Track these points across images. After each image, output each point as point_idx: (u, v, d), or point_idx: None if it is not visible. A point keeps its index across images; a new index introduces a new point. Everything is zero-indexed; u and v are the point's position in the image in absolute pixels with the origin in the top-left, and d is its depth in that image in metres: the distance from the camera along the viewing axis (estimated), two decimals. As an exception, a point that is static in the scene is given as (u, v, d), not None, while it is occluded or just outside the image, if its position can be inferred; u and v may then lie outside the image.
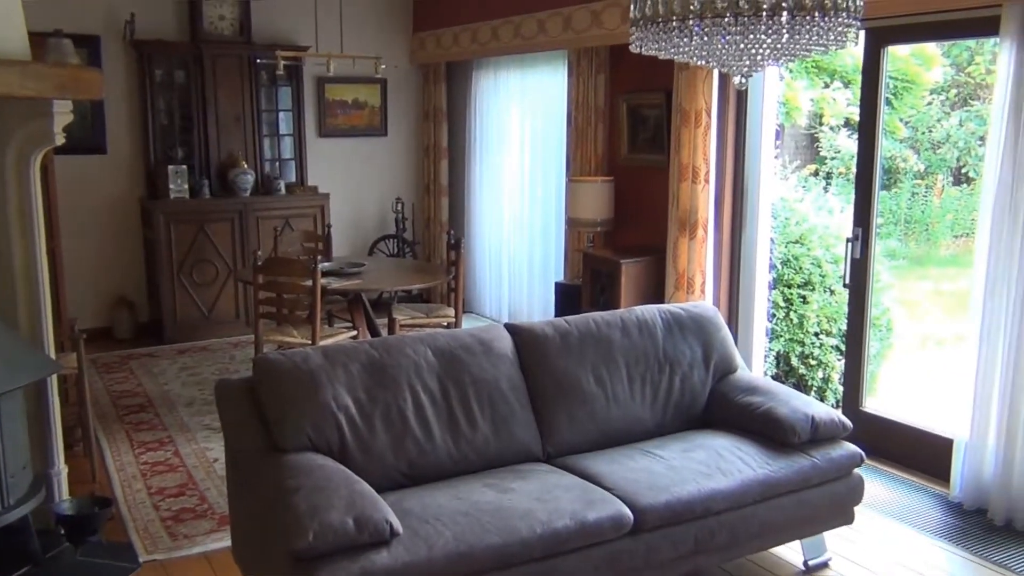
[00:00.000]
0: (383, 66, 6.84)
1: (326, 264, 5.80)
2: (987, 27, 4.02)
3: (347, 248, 8.10)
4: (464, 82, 8.00)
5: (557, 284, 6.43)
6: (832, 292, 5.94)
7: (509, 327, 3.74)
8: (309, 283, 5.08)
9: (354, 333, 5.65)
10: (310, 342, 5.07)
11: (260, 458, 3.08)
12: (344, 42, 7.06)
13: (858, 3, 2.22)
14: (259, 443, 3.12)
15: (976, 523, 4.08)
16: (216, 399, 3.34)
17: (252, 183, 7.32)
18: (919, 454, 4.61)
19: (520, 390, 3.54)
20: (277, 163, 7.70)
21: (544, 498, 3.08)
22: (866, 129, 4.78)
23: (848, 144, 9.68)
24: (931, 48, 10.02)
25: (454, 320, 5.81)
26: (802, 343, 5.88)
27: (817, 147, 11.03)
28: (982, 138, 4.39)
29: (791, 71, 9.22)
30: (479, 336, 3.61)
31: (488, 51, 7.14)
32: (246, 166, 7.30)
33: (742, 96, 5.32)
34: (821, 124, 10.55)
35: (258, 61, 7.30)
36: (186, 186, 7.10)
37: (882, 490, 4.41)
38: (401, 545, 2.75)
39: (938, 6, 4.06)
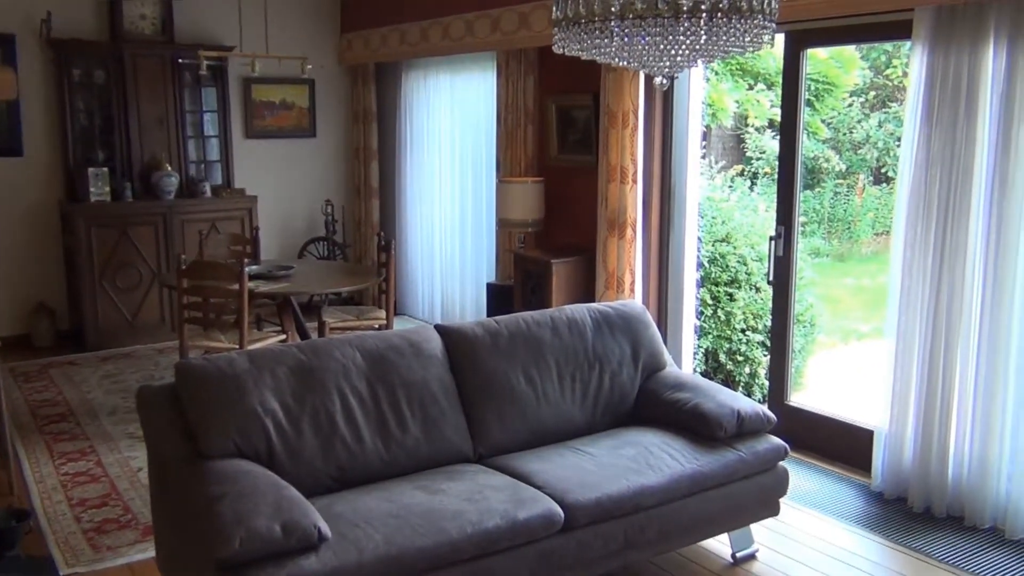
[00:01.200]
0: (309, 66, 6.77)
1: (254, 267, 5.71)
2: (900, 31, 4.15)
3: (276, 251, 7.99)
4: (394, 83, 7.96)
5: (489, 285, 6.43)
6: (758, 289, 6.07)
7: (439, 328, 3.73)
8: (236, 287, 4.99)
9: (283, 337, 5.57)
10: (237, 347, 4.99)
11: (184, 466, 3.01)
12: (269, 42, 6.96)
13: (773, 5, 2.27)
14: (183, 450, 3.05)
15: (896, 511, 4.20)
16: (137, 406, 3.26)
17: (176, 186, 7.17)
18: (842, 446, 4.73)
19: (450, 391, 3.54)
20: (202, 165, 7.55)
21: (475, 498, 3.09)
22: (787, 130, 4.89)
23: (773, 145, 9.90)
24: (850, 51, 10.31)
25: (385, 322, 5.77)
26: (729, 340, 5.99)
27: (743, 148, 11.25)
28: (899, 139, 4.55)
29: (716, 73, 9.39)
30: (409, 337, 3.59)
31: (417, 52, 7.11)
32: (170, 168, 7.14)
33: (668, 98, 5.40)
34: (747, 125, 10.78)
35: (180, 61, 7.15)
36: (107, 189, 6.91)
37: (807, 481, 4.52)
38: (330, 550, 2.72)
39: (853, 10, 4.17)
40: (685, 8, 2.12)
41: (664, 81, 2.44)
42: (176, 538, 3.06)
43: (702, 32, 2.18)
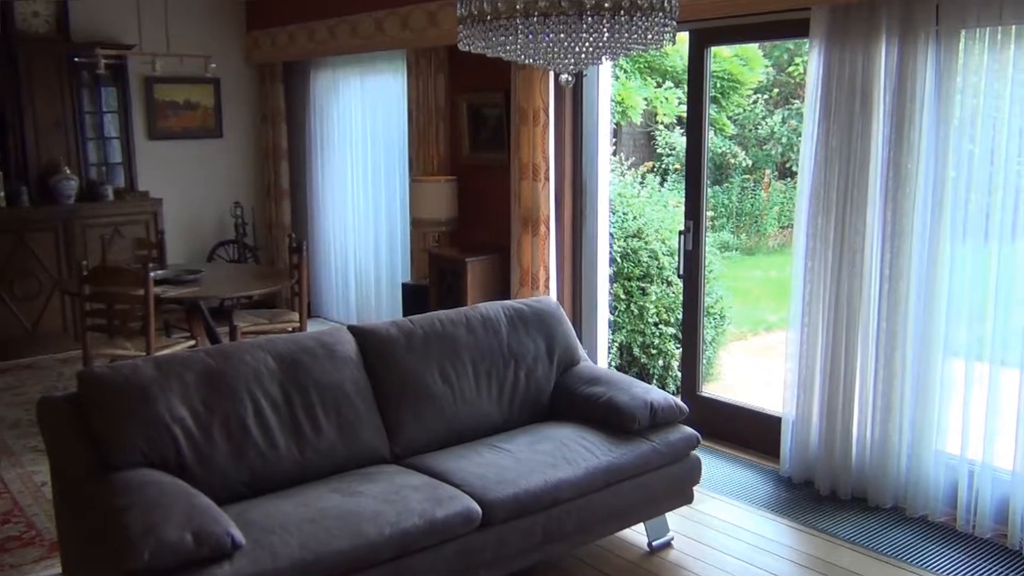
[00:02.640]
0: (213, 65, 6.63)
1: (160, 272, 5.55)
2: (798, 29, 4.28)
3: (184, 255, 7.78)
4: (303, 82, 7.85)
5: (404, 285, 6.40)
6: (669, 283, 6.18)
7: (352, 329, 3.70)
8: (141, 292, 4.85)
9: (192, 343, 5.44)
10: (144, 354, 4.85)
11: (89, 478, 2.92)
12: (171, 40, 6.78)
13: (674, 3, 2.32)
14: (88, 462, 2.96)
15: (804, 495, 4.34)
16: (38, 418, 3.15)
17: (76, 189, 6.92)
18: (752, 433, 4.86)
19: (365, 392, 3.51)
20: (104, 168, 7.30)
21: (392, 499, 3.07)
22: (693, 126, 4.99)
23: (682, 141, 10.10)
24: (754, 49, 10.60)
25: (299, 325, 5.68)
26: (643, 333, 6.09)
27: (654, 144, 11.46)
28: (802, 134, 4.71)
29: (625, 71, 9.53)
30: (322, 339, 3.55)
31: (326, 50, 7.03)
32: (69, 171, 6.88)
33: (577, 95, 5.45)
34: (656, 122, 10.97)
35: (77, 60, 6.89)
36: (2, 194, 6.63)
37: (719, 469, 4.63)
38: (244, 557, 2.67)
39: (753, 9, 4.28)
40: (588, 5, 2.15)
41: (569, 78, 2.47)
42: (83, 553, 2.96)
43: (605, 29, 2.22)
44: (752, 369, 7.16)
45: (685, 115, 5.09)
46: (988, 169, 3.77)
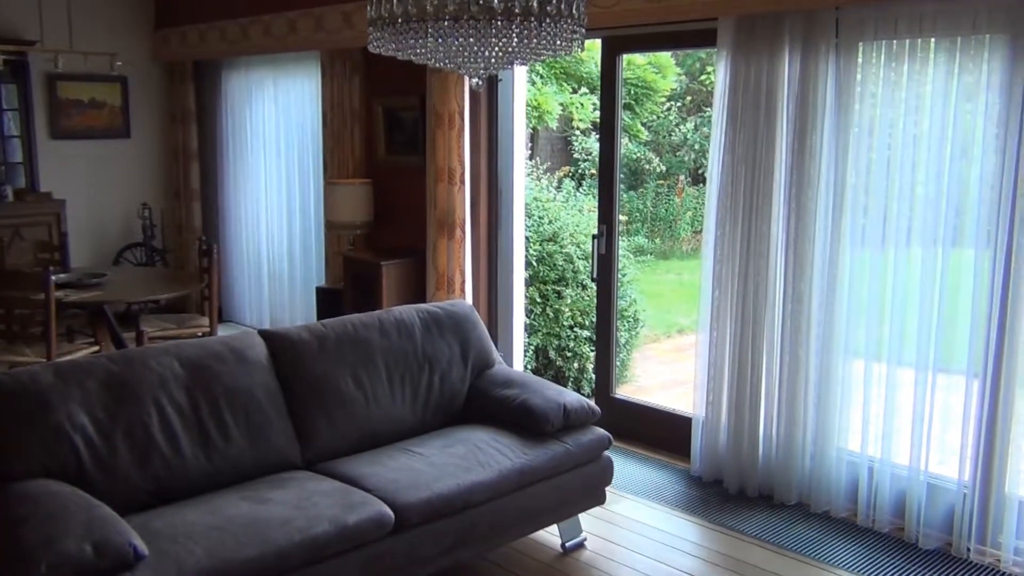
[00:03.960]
0: (119, 63, 6.43)
1: (62, 275, 5.37)
2: (707, 39, 4.38)
3: (88, 258, 7.53)
4: (214, 82, 7.68)
5: (318, 289, 6.32)
6: (584, 287, 6.26)
7: (263, 333, 3.64)
8: (42, 296, 4.68)
9: (97, 348, 5.27)
10: (45, 360, 4.68)
11: (-18, 489, 2.80)
12: (75, 36, 6.56)
13: (582, 10, 2.36)
14: (-20, 473, 2.84)
15: (714, 493, 4.44)
16: (-73, 428, 3.00)
17: (-27, 189, 6.64)
18: (664, 434, 4.95)
19: (276, 397, 3.46)
20: (3, 168, 7.03)
21: (303, 505, 3.03)
22: (606, 132, 5.07)
23: (598, 147, 10.24)
24: (667, 58, 10.82)
25: (208, 329, 5.56)
26: (558, 336, 6.15)
27: (570, 149, 11.58)
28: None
29: (541, 76, 9.62)
30: (231, 344, 3.49)
31: (238, 50, 6.90)
32: (-35, 171, 6.60)
33: (493, 99, 5.48)
34: (573, 128, 11.09)
35: (-26, 56, 6.62)
36: None
37: (632, 470, 4.71)
38: (148, 568, 2.60)
39: (663, 18, 4.37)
40: (497, 11, 2.17)
41: (479, 82, 2.49)
42: (-26, 568, 2.84)
43: (514, 35, 2.24)
44: (665, 371, 7.29)
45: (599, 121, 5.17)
46: (885, 176, 3.92)
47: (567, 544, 3.88)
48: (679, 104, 11.58)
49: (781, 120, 4.13)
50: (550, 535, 3.91)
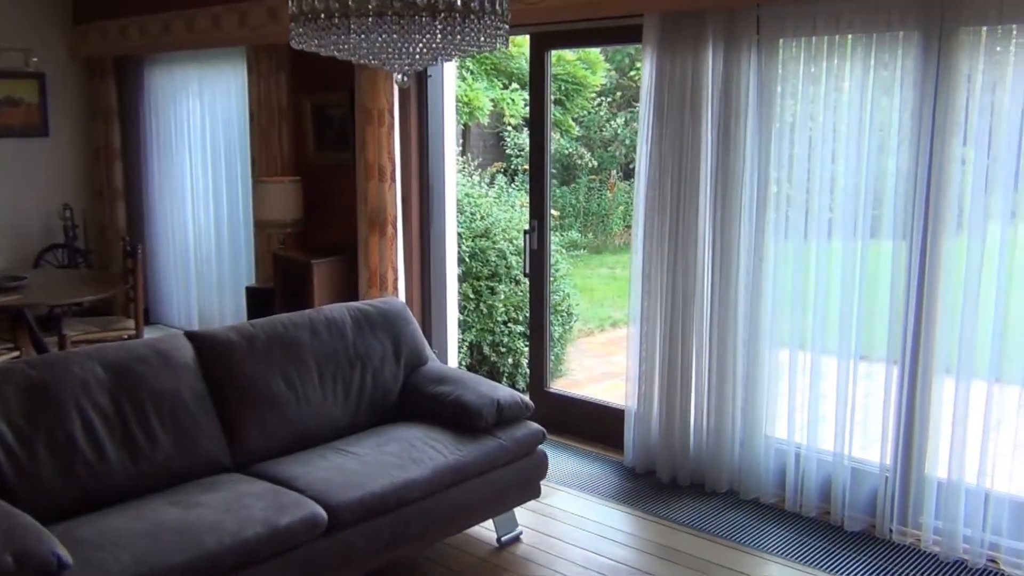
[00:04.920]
0: (35, 59, 6.23)
1: (-22, 279, 5.19)
2: (632, 35, 4.42)
3: (7, 260, 7.28)
4: (136, 78, 7.50)
5: (248, 288, 6.23)
6: (517, 282, 6.28)
7: (189, 335, 3.58)
8: (-44, 301, 4.53)
9: (17, 354, 5.11)
10: (-39, 367, 4.51)
11: None
12: (-12, 32, 6.34)
13: (505, 7, 2.37)
14: None
15: (647, 484, 4.51)
16: None
17: None
18: (598, 427, 5.01)
19: (204, 400, 3.40)
20: (-87, 168, 6.76)
21: (233, 508, 2.99)
22: (536, 127, 5.09)
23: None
24: (596, 54, 10.91)
25: (134, 332, 5.44)
26: (492, 332, 6.16)
27: (503, 145, 11.60)
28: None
29: (472, 72, 9.61)
30: (156, 346, 3.42)
31: (160, 46, 6.74)
32: None
33: (422, 96, 5.46)
34: (504, 124, 11.11)
35: None
36: None
37: (566, 463, 4.75)
38: (72, 577, 2.54)
39: (589, 14, 4.40)
40: (420, 7, 2.16)
41: (405, 79, 2.48)
42: None
43: (437, 31, 2.24)
44: (599, 364, 7.36)
45: (529, 116, 5.18)
46: (806, 170, 4.02)
47: (503, 538, 3.90)
48: (610, 100, 11.69)
49: (706, 115, 4.20)
50: (486, 530, 3.92)
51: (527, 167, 10.75)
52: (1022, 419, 3.64)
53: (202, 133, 7.02)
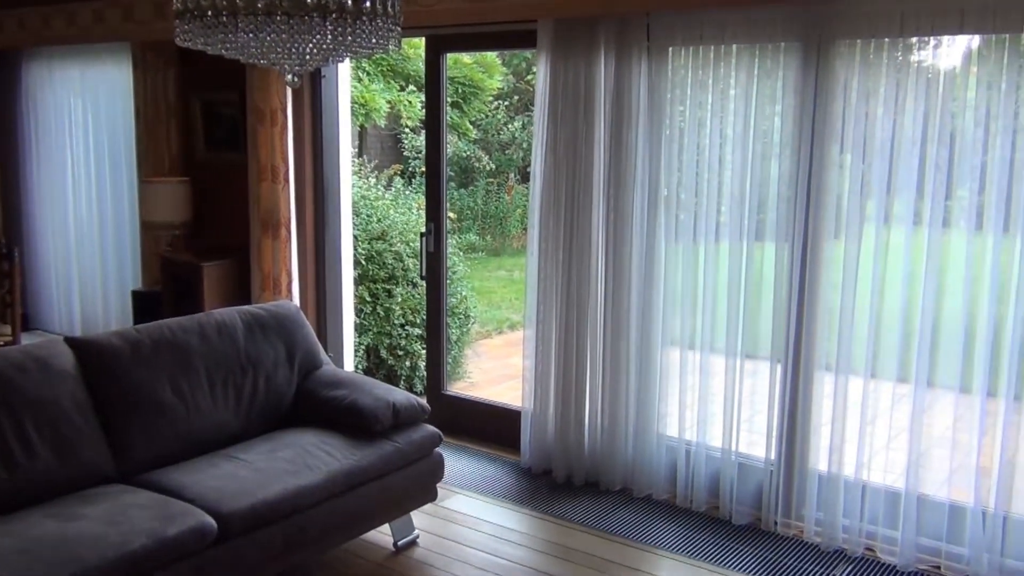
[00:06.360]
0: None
1: None
2: (528, 40, 4.46)
3: None
4: (12, 74, 7.15)
5: (135, 292, 6.02)
6: (415, 285, 6.25)
7: (70, 341, 3.43)
8: None
9: None
10: None
11: None
12: None
13: (397, 9, 2.36)
14: None
15: (543, 484, 4.55)
16: None
17: None
18: (495, 428, 5.03)
19: (86, 408, 3.28)
20: None
21: (117, 520, 2.89)
22: (432, 130, 5.09)
23: (426, 145, 10.24)
24: (493, 57, 10.97)
25: (11, 338, 5.18)
26: (389, 335, 6.12)
27: (401, 147, 11.54)
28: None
29: (368, 73, 9.54)
30: (33, 353, 3.27)
31: (40, 40, 6.45)
32: None
33: (316, 96, 5.39)
34: (402, 126, 11.06)
35: None
36: None
37: (464, 465, 4.76)
38: (-60, 598, 2.41)
39: (484, 18, 4.42)
40: (310, 7, 2.14)
41: (295, 79, 2.45)
42: None
43: (328, 31, 2.21)
44: (497, 366, 7.40)
45: (425, 119, 5.17)
46: (695, 175, 4.14)
47: (399, 543, 3.88)
48: (507, 103, 11.77)
49: (599, 120, 4.28)
50: (382, 535, 3.89)
51: (424, 169, 10.75)
52: (896, 414, 3.85)
53: (85, 132, 6.75)
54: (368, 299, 6.09)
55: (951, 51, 3.56)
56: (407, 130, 11.13)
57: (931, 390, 3.69)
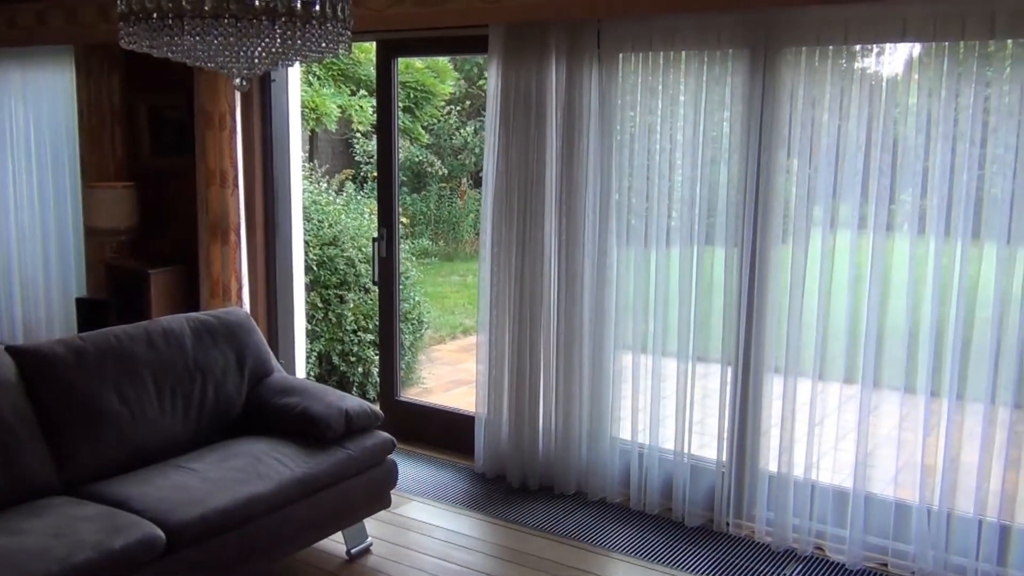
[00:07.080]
0: None
1: None
2: (479, 45, 4.47)
3: None
4: (-50, 75, 6.96)
5: (79, 300, 5.89)
6: (367, 291, 6.21)
7: (10, 349, 3.35)
8: None
9: None
10: None
11: None
12: None
13: (347, 13, 2.35)
14: None
15: (497, 489, 4.55)
16: None
17: None
18: (449, 434, 5.02)
19: (27, 419, 3.19)
20: None
21: (62, 533, 2.82)
22: (383, 134, 5.06)
23: (378, 150, 10.19)
24: (445, 62, 10.96)
25: (-50, 348, 5.04)
26: (342, 341, 6.07)
27: (352, 152, 11.47)
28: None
29: (319, 78, 9.46)
30: (-28, 363, 3.18)
31: (-22, 41, 6.29)
32: None
33: (266, 100, 5.34)
34: (353, 130, 10.99)
35: None
36: None
37: (417, 471, 4.73)
38: None
39: (435, 23, 4.40)
40: (258, 9, 2.11)
41: (243, 83, 2.42)
42: None
43: (276, 35, 2.19)
44: (450, 372, 7.38)
45: (376, 124, 5.15)
46: (645, 180, 4.18)
47: (352, 550, 3.85)
48: (459, 108, 11.77)
49: (550, 125, 4.29)
50: (335, 543, 3.86)
51: (376, 174, 10.70)
52: (843, 414, 3.91)
53: (26, 136, 6.58)
54: (320, 305, 6.04)
55: (893, 59, 3.65)
56: (358, 135, 11.07)
57: (877, 391, 3.76)
